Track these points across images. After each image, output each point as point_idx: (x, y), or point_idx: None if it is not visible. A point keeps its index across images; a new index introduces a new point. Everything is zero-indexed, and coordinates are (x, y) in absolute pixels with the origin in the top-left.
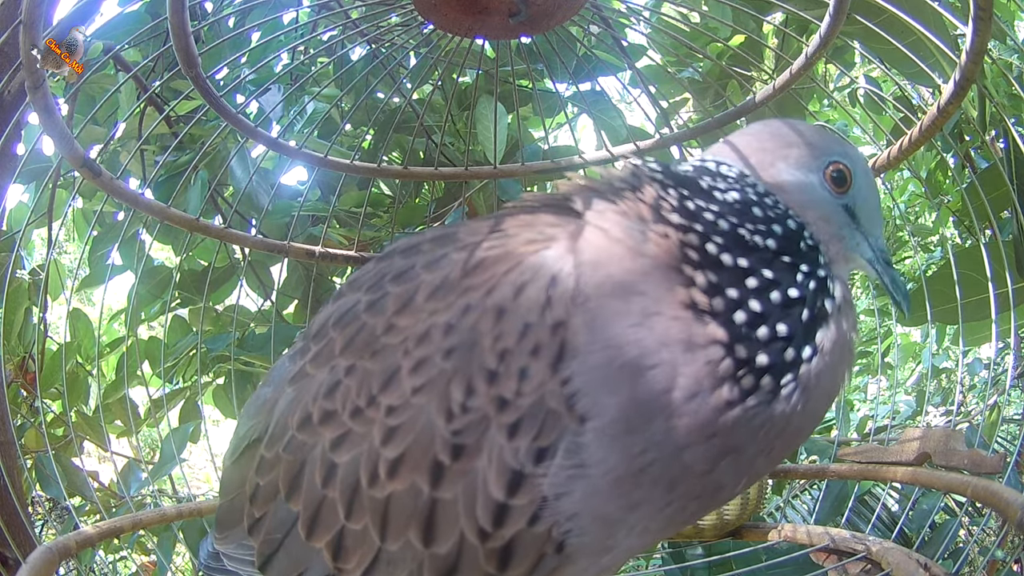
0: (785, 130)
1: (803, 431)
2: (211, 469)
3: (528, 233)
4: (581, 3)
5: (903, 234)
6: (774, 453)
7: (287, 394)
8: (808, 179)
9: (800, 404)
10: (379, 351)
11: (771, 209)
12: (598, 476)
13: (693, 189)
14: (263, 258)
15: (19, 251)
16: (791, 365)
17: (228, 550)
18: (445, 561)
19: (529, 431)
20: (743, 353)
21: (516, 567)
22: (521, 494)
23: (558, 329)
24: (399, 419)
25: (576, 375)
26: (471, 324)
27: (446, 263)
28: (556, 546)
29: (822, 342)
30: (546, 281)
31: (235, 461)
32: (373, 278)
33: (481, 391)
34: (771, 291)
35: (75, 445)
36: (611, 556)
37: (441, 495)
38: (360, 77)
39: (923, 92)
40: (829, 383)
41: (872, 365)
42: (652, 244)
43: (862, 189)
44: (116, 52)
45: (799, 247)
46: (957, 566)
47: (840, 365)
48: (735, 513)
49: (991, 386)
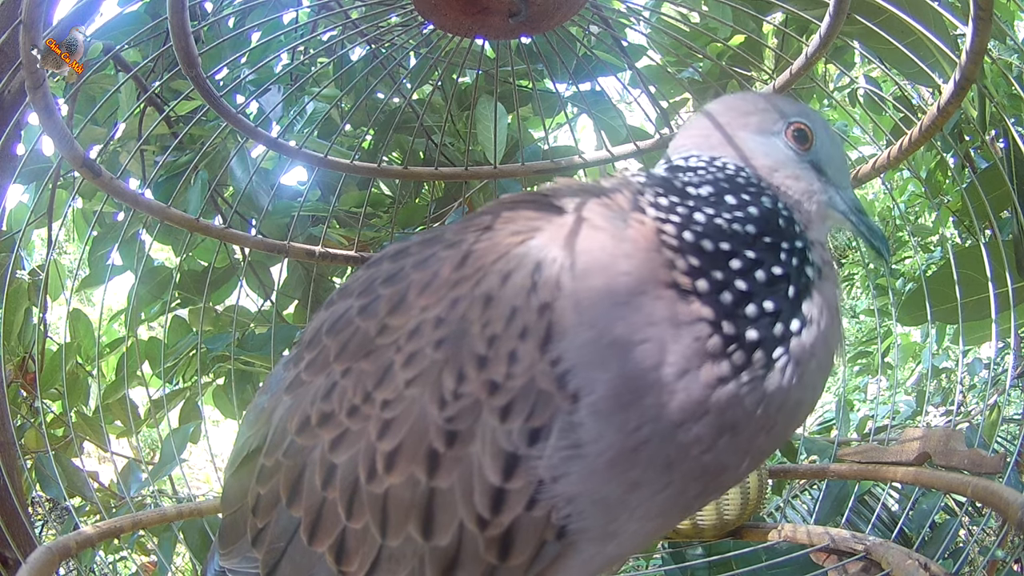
0: (739, 101)
1: (803, 404)
2: (211, 469)
3: (512, 226)
4: (581, 3)
5: (903, 234)
6: (776, 430)
7: (284, 402)
8: (771, 141)
9: (796, 376)
10: (373, 352)
11: (743, 190)
12: (594, 455)
13: (667, 187)
14: (263, 258)
15: (19, 251)
16: (782, 339)
17: (233, 565)
18: (446, 553)
19: (521, 412)
20: (731, 330)
21: (517, 555)
22: (517, 477)
23: (544, 311)
24: (394, 412)
25: (565, 355)
26: (460, 314)
27: (434, 261)
28: (557, 532)
29: (810, 312)
30: (531, 267)
31: (235, 473)
32: (364, 283)
33: (472, 377)
34: (755, 270)
35: (75, 445)
36: (616, 544)
37: (438, 484)
38: (360, 77)
39: (923, 92)
40: (823, 352)
41: (872, 365)
42: (632, 230)
43: (825, 144)
44: (116, 52)
45: (777, 224)
46: (957, 566)
47: (831, 332)
48: (735, 513)
49: (991, 386)
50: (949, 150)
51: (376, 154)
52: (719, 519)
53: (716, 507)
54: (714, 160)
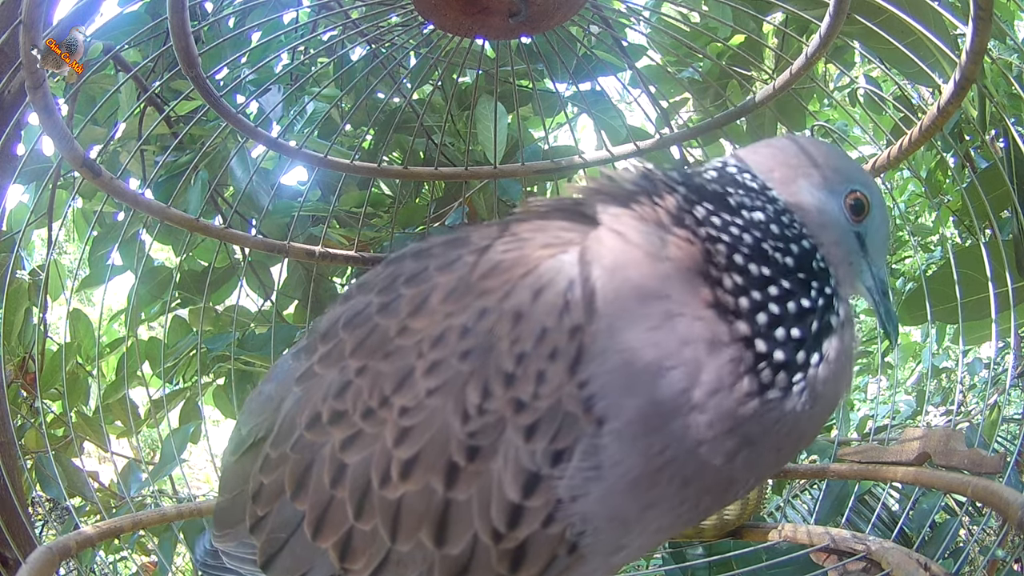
0: (812, 149)
1: (807, 434)
2: (211, 469)
3: (543, 237)
4: (581, 3)
5: (903, 234)
6: (783, 452)
7: (294, 393)
8: (828, 203)
9: (808, 404)
10: (392, 353)
11: (788, 228)
12: (615, 478)
13: (719, 204)
14: (263, 258)
15: (19, 251)
16: (802, 367)
17: (228, 548)
18: (457, 562)
19: (546, 433)
20: (763, 347)
21: (528, 568)
22: (537, 496)
23: (576, 333)
24: (413, 420)
25: (594, 378)
26: (488, 327)
27: (460, 265)
28: (569, 547)
29: (828, 351)
30: (564, 286)
31: (237, 459)
32: (385, 280)
33: (498, 393)
34: (788, 300)
35: (75, 445)
36: (623, 555)
37: (455, 496)
38: (360, 77)
39: (923, 92)
40: (833, 390)
41: (872, 365)
42: (673, 248)
43: (875, 220)
44: (116, 52)
45: (811, 266)
46: (957, 566)
47: (842, 375)
48: (735, 513)
49: (991, 385)
50: (949, 150)
51: (376, 154)
52: (719, 519)
53: None
54: (767, 191)
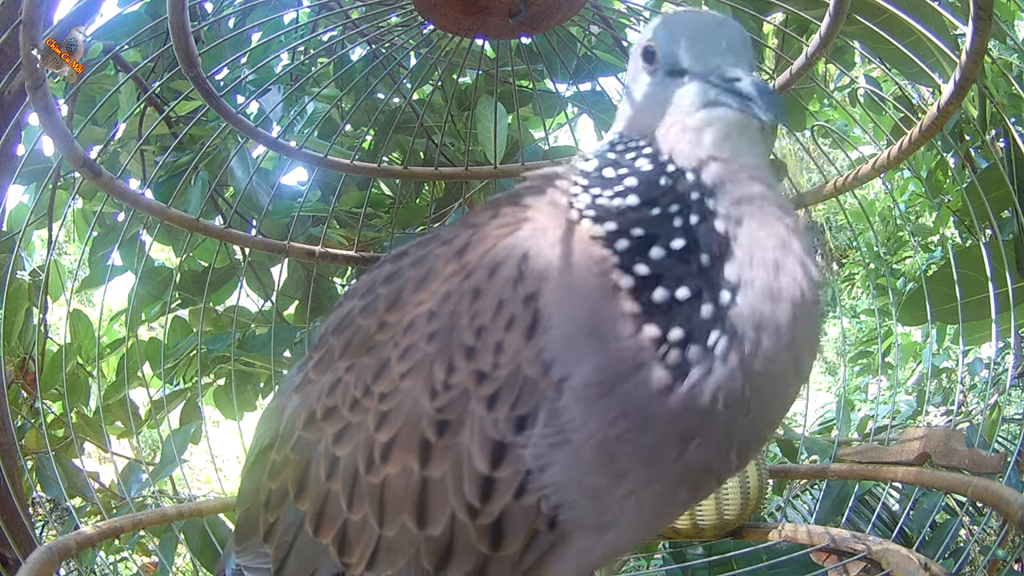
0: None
1: (777, 372)
2: (212, 470)
3: (499, 220)
4: (581, 3)
5: (903, 234)
6: (756, 412)
7: (293, 401)
8: (640, 83)
9: (749, 350)
10: (373, 347)
11: (623, 158)
12: (578, 443)
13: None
14: (263, 258)
15: (19, 252)
16: (714, 320)
17: (246, 562)
18: (440, 543)
19: (507, 401)
20: (655, 332)
21: (509, 545)
22: (504, 465)
23: (530, 301)
24: (390, 404)
25: (550, 343)
26: (451, 308)
27: (429, 258)
28: (548, 522)
29: (738, 275)
30: (518, 258)
31: (249, 470)
32: (366, 284)
33: (461, 367)
34: (650, 249)
35: (75, 446)
36: (614, 534)
37: (431, 473)
38: (360, 77)
39: (923, 92)
40: (780, 304)
41: (872, 365)
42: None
43: (674, 36)
44: (116, 52)
45: (659, 186)
46: (958, 566)
47: (782, 276)
48: (735, 513)
49: (991, 386)
50: (949, 150)
51: (376, 154)
52: (719, 519)
53: (716, 507)
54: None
